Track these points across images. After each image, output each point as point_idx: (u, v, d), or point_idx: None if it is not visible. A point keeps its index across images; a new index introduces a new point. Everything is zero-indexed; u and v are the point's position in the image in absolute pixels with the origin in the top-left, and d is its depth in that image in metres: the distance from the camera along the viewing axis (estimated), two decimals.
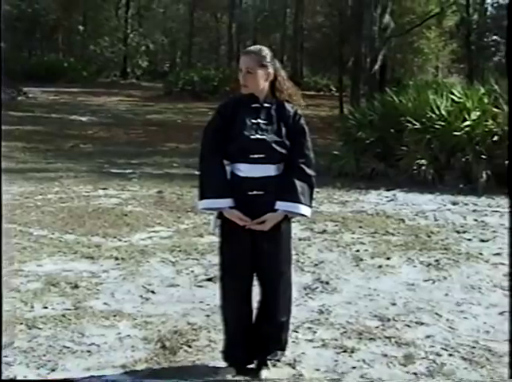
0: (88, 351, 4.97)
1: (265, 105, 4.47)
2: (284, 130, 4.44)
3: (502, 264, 7.45)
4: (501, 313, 5.97)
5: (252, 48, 4.68)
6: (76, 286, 6.39)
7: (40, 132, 20.60)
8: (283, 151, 4.41)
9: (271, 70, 4.46)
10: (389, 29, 26.66)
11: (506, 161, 12.17)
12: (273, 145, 4.39)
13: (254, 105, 4.46)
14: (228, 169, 4.48)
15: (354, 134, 14.30)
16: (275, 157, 4.42)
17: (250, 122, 4.41)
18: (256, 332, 4.62)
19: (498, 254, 7.86)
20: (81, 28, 45.78)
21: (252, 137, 4.38)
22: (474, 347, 5.20)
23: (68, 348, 5.01)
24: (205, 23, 49.02)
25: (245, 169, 4.42)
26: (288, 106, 4.53)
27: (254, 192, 4.38)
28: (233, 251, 4.51)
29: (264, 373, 4.51)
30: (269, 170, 4.42)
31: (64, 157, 15.81)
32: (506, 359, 4.99)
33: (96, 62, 44.57)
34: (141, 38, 48.56)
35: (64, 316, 5.63)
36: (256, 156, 4.37)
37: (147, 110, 29.09)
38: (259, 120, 4.43)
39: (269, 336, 4.60)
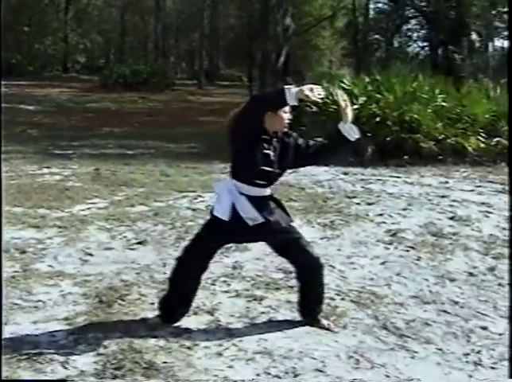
0: (35, 306, 4.86)
1: (274, 139, 4.32)
2: (286, 158, 4.38)
3: (384, 223, 7.60)
4: (382, 263, 6.10)
5: None
6: (24, 252, 6.22)
7: None
8: (280, 178, 4.49)
9: None
10: (290, 29, 26.76)
11: (387, 138, 12.39)
12: (276, 176, 4.41)
13: (264, 136, 4.27)
14: (230, 184, 4.41)
15: None
16: (273, 183, 4.44)
17: (262, 153, 4.25)
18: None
19: (380, 214, 7.99)
20: (27, 29, 44.52)
21: (261, 168, 4.28)
22: (361, 292, 5.29)
23: (18, 304, 4.89)
24: (134, 24, 48.33)
25: (247, 189, 4.30)
26: (285, 136, 4.40)
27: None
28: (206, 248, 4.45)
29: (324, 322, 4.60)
30: (266, 192, 4.39)
31: (13, 141, 15.31)
32: (387, 300, 5.10)
33: (40, 58, 43.47)
34: (79, 38, 47.71)
35: (13, 277, 5.47)
36: (260, 182, 4.33)
37: (85, 99, 28.52)
38: (269, 151, 4.28)
39: None
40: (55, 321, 4.58)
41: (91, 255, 6.23)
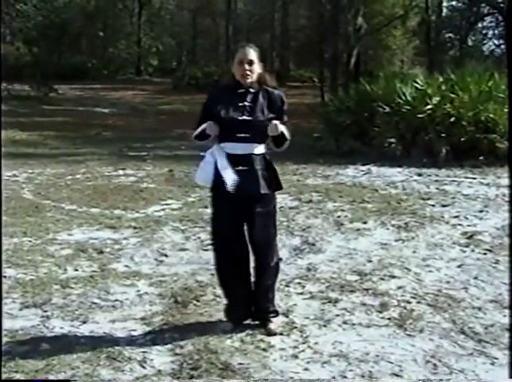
0: (113, 306, 4.95)
1: (251, 90, 4.31)
2: (263, 110, 4.28)
3: (460, 225, 7.45)
4: (459, 266, 5.97)
5: (248, 44, 4.52)
6: (101, 252, 6.37)
7: (68, 122, 20.50)
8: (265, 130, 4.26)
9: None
10: (361, 28, 26.51)
11: (462, 139, 12.17)
12: (258, 125, 4.24)
13: (240, 90, 4.30)
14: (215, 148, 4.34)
15: (333, 118, 14.24)
16: (259, 136, 4.28)
17: (237, 104, 4.26)
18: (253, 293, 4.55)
19: (456, 216, 7.84)
20: (101, 34, 45.49)
21: (239, 118, 4.24)
22: (437, 295, 5.19)
23: (96, 303, 5.00)
24: (206, 27, 48.64)
25: (230, 147, 4.26)
26: (275, 91, 4.41)
27: (240, 168, 4.21)
28: (224, 222, 4.39)
29: (272, 325, 4.45)
30: (253, 148, 4.27)
31: (89, 143, 15.74)
32: (464, 304, 5.00)
33: (115, 62, 44.32)
34: (152, 41, 48.31)
35: (91, 277, 5.61)
36: (242, 135, 4.23)
37: (158, 101, 28.97)
38: (245, 103, 4.26)
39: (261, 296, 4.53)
40: (132, 321, 4.66)
41: (165, 255, 6.32)
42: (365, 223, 7.54)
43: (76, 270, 5.83)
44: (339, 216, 7.85)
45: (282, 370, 3.91)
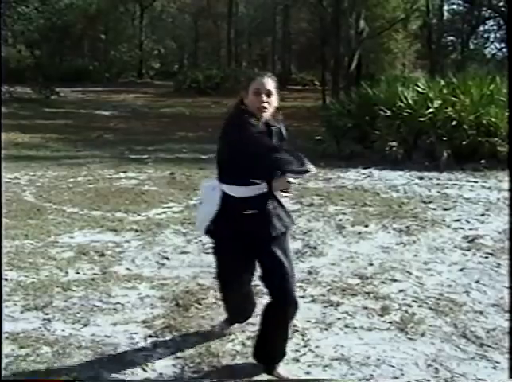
0: (114, 309, 4.95)
1: (264, 129, 3.76)
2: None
3: (462, 229, 7.45)
4: (461, 270, 5.97)
5: (266, 72, 3.95)
6: (103, 255, 6.36)
7: (70, 125, 20.47)
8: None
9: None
10: (363, 32, 26.51)
11: (463, 142, 12.16)
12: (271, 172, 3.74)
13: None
14: (219, 189, 3.84)
15: (335, 121, 14.23)
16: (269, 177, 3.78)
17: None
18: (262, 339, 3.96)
19: (458, 220, 7.84)
20: (103, 36, 45.58)
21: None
22: (439, 299, 5.20)
23: (98, 306, 5.00)
24: (207, 30, 48.75)
25: (239, 191, 3.76)
26: (283, 128, 3.97)
27: (249, 212, 3.75)
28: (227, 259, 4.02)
29: (281, 370, 3.92)
30: (262, 188, 3.76)
31: (90, 145, 15.70)
32: (466, 308, 5.00)
33: (116, 65, 44.37)
34: (153, 44, 48.44)
35: (93, 280, 5.61)
36: (255, 180, 3.74)
37: (160, 104, 28.91)
38: None
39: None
40: (134, 324, 4.66)
41: (167, 258, 6.32)
42: (366, 226, 7.54)
43: (78, 272, 5.83)
44: (340, 220, 7.85)
45: (284, 374, 3.90)
